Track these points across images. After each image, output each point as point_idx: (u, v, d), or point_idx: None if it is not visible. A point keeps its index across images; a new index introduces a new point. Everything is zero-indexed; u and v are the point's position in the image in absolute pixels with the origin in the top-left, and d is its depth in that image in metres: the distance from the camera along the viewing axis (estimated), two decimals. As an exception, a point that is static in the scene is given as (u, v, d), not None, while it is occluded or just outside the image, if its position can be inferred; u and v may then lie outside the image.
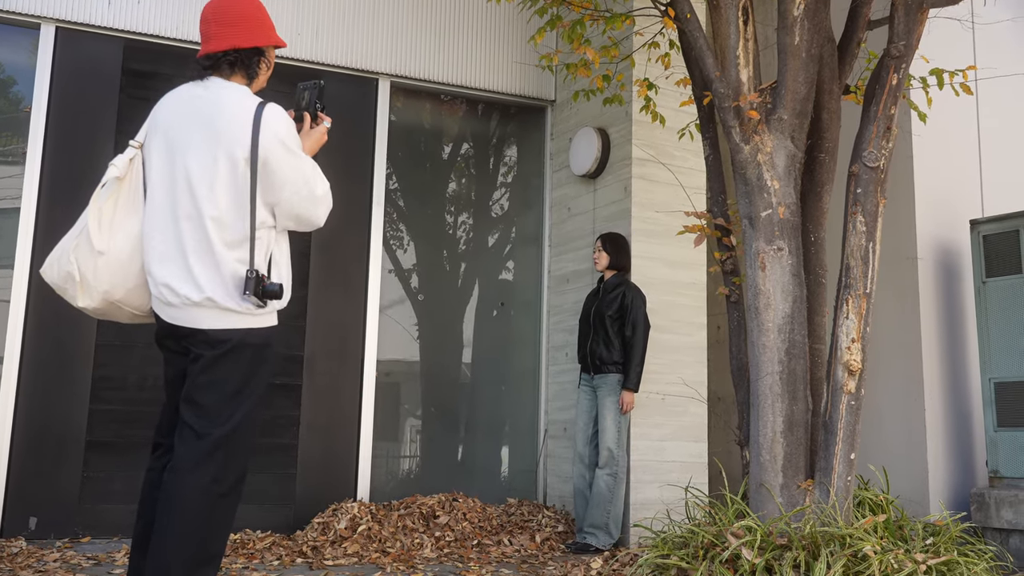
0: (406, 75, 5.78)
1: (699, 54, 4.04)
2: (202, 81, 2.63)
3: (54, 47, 5.04)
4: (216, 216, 2.51)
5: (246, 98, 2.58)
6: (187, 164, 2.54)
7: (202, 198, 2.51)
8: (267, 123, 2.53)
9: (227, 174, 2.52)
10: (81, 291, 2.56)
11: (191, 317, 2.51)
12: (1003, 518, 5.08)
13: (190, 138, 2.55)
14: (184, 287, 2.50)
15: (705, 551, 3.50)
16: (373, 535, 4.70)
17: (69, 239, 2.58)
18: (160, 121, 2.63)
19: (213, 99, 2.57)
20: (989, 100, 6.11)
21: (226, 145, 2.52)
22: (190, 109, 2.60)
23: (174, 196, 2.54)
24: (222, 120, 2.53)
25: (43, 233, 4.88)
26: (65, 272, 2.55)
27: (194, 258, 2.50)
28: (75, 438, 4.79)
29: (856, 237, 3.78)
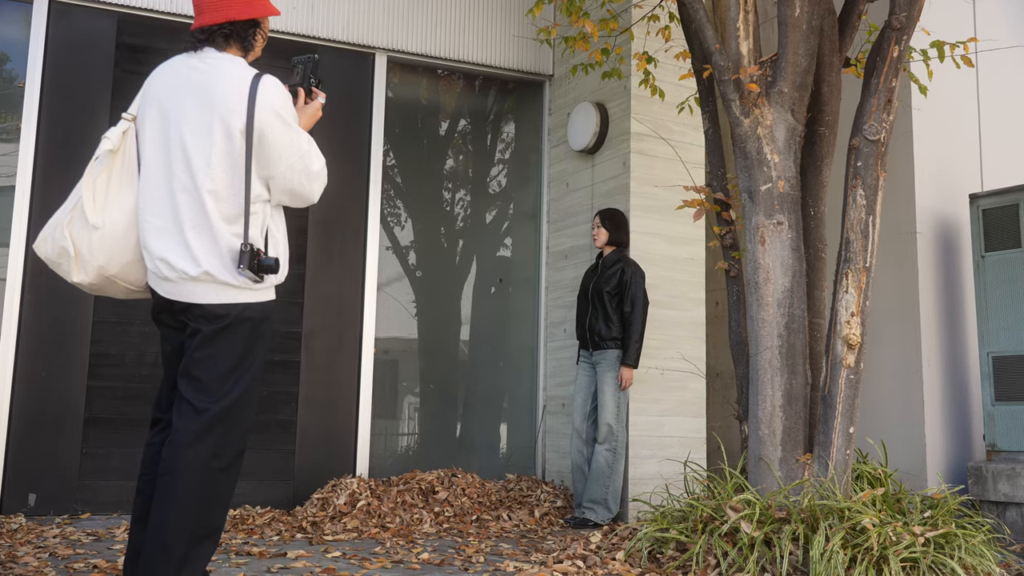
0: (403, 50, 5.73)
1: (699, 27, 4.00)
2: (196, 53, 2.58)
3: (47, 22, 4.98)
4: (213, 189, 2.47)
5: (242, 70, 2.54)
6: (183, 136, 2.49)
7: (198, 171, 2.47)
8: (263, 95, 2.50)
9: (223, 146, 2.48)
10: (76, 266, 2.52)
11: (188, 291, 2.48)
12: (1000, 491, 5.10)
13: (185, 110, 2.51)
14: (181, 261, 2.47)
15: (704, 525, 3.51)
16: (372, 511, 4.72)
17: (63, 213, 2.54)
18: (154, 93, 2.58)
19: (209, 71, 2.53)
20: (989, 73, 6.07)
21: (222, 117, 2.48)
22: (185, 81, 2.55)
23: (170, 169, 2.50)
24: (218, 92, 2.49)
25: (38, 210, 4.86)
26: (59, 247, 2.52)
27: (191, 232, 2.47)
28: (73, 415, 4.79)
29: (856, 211, 3.77)
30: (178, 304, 2.51)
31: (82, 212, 2.50)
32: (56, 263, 2.55)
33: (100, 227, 2.51)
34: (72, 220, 2.51)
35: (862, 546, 3.21)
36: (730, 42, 4.00)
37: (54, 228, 2.54)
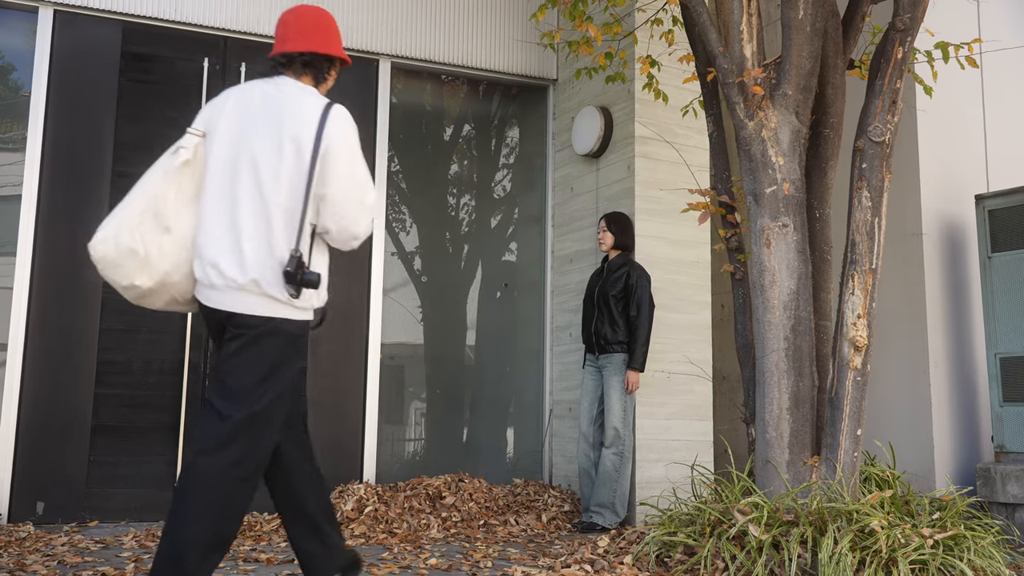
0: (407, 55, 5.74)
1: (702, 30, 4.00)
2: (272, 79, 2.73)
3: (52, 31, 5.01)
4: (279, 203, 2.57)
5: (315, 97, 2.68)
6: (254, 154, 2.60)
7: (266, 184, 2.57)
8: (333, 120, 2.62)
9: (292, 164, 2.58)
10: (142, 268, 2.56)
11: (233, 300, 2.54)
12: (1009, 492, 5.08)
13: (257, 130, 2.62)
14: (232, 269, 2.54)
15: (712, 528, 3.50)
16: (380, 516, 4.71)
17: (129, 215, 2.56)
18: (226, 113, 2.68)
19: (283, 95, 2.66)
20: (994, 74, 6.07)
21: (293, 137, 2.59)
22: (259, 104, 2.67)
23: (236, 184, 2.60)
24: (290, 114, 2.61)
25: (45, 219, 4.87)
26: (127, 248, 2.54)
27: (248, 243, 2.55)
28: (81, 423, 4.80)
29: (861, 212, 3.76)
30: (220, 313, 2.57)
31: (155, 215, 2.56)
32: (117, 264, 2.56)
33: (173, 231, 2.58)
34: (143, 222, 2.56)
35: (871, 548, 3.20)
36: (734, 45, 4.00)
37: (119, 229, 2.55)
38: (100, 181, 5.00)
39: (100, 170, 5.01)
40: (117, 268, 2.57)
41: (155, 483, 4.90)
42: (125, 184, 5.04)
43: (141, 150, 5.11)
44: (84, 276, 4.90)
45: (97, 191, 4.99)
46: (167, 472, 4.92)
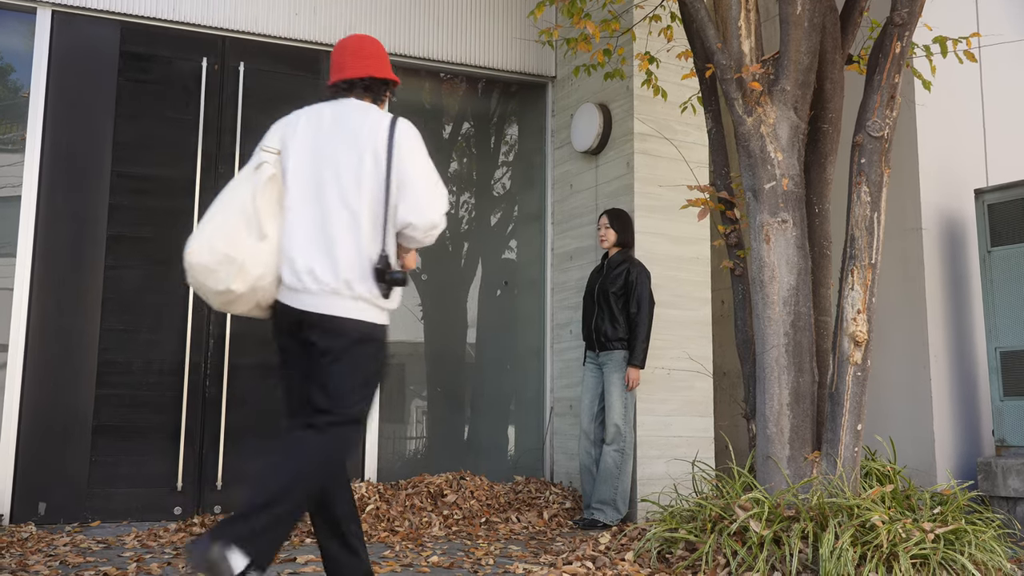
0: (405, 53, 5.74)
1: (700, 26, 4.00)
2: (338, 101, 2.96)
3: (51, 31, 5.01)
4: (363, 210, 2.78)
5: (381, 112, 2.93)
6: (336, 167, 2.81)
7: (350, 194, 2.78)
8: (401, 130, 2.86)
9: (371, 173, 2.81)
10: (237, 274, 2.72)
11: (327, 304, 2.73)
12: (1010, 486, 5.08)
13: (336, 146, 2.84)
14: (326, 274, 2.73)
15: (713, 524, 3.51)
16: (381, 514, 4.72)
17: (223, 224, 2.73)
18: (299, 132, 2.89)
19: (354, 113, 2.91)
20: (992, 68, 6.06)
21: (370, 148, 2.82)
22: (332, 123, 2.89)
23: (322, 195, 2.80)
24: (364, 128, 2.86)
25: (44, 220, 4.88)
26: (224, 254, 2.71)
27: (340, 249, 2.75)
28: (82, 423, 4.81)
29: (861, 207, 3.76)
30: (311, 316, 2.73)
31: (248, 224, 2.76)
32: (212, 270, 2.72)
33: (268, 238, 2.77)
34: (238, 230, 2.74)
35: (872, 543, 3.21)
36: (732, 41, 3.99)
37: (213, 237, 2.72)
38: (100, 181, 5.00)
39: (99, 170, 5.01)
40: (212, 274, 2.73)
41: (156, 483, 4.90)
42: (125, 184, 5.04)
43: (140, 150, 5.11)
44: (84, 277, 4.90)
45: (97, 191, 4.99)
46: (168, 472, 4.92)
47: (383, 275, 2.74)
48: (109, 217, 4.99)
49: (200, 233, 2.73)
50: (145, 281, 5.02)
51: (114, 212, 5.01)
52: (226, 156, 5.24)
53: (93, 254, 4.94)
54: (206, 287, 2.75)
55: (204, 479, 4.98)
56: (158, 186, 5.12)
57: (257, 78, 5.37)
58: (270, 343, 5.11)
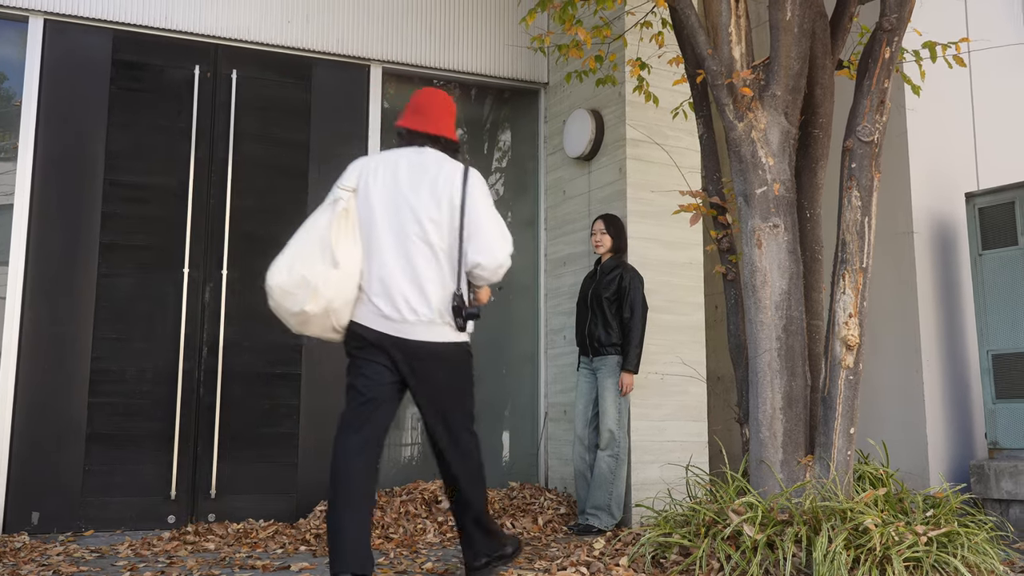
0: (398, 61, 5.75)
1: (691, 32, 4.02)
2: (411, 148, 3.33)
3: (43, 40, 5.01)
4: (443, 248, 3.17)
5: (454, 162, 3.32)
6: (416, 210, 3.17)
7: (432, 235, 3.16)
8: (472, 178, 3.27)
9: (448, 217, 3.19)
10: (312, 296, 3.06)
11: (423, 332, 3.15)
12: (1003, 489, 5.10)
13: (416, 191, 3.20)
14: (422, 307, 3.14)
15: (707, 529, 3.51)
16: (376, 522, 4.71)
17: (301, 251, 3.08)
18: (379, 175, 3.24)
19: (431, 162, 3.28)
20: (982, 72, 6.10)
21: (447, 193, 3.20)
22: (409, 169, 3.25)
23: (404, 233, 3.17)
24: (442, 176, 3.23)
25: (37, 228, 4.87)
26: (301, 277, 3.05)
27: (429, 284, 3.14)
28: (75, 431, 4.80)
29: (852, 212, 3.78)
30: (412, 343, 3.14)
31: (323, 251, 3.08)
32: (290, 292, 3.07)
33: (341, 266, 3.10)
34: (314, 257, 3.08)
35: (865, 546, 3.21)
36: (722, 47, 4.01)
37: (292, 262, 3.07)
38: (92, 189, 5.00)
39: (92, 178, 5.01)
40: (290, 296, 3.07)
41: (150, 491, 4.89)
42: (117, 192, 5.04)
43: (133, 158, 5.11)
44: (77, 285, 4.90)
45: (89, 199, 4.98)
46: (162, 480, 4.91)
47: (460, 311, 3.15)
48: (102, 225, 4.99)
49: (281, 258, 3.08)
50: (138, 289, 5.02)
51: (107, 220, 5.01)
52: (219, 164, 5.25)
53: (86, 262, 4.94)
54: (284, 308, 3.09)
55: (198, 487, 4.97)
56: (151, 194, 5.12)
57: (250, 86, 5.38)
58: (263, 351, 5.11)
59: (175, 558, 3.99)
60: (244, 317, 5.15)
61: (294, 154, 5.43)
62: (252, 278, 5.19)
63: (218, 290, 5.13)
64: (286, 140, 5.43)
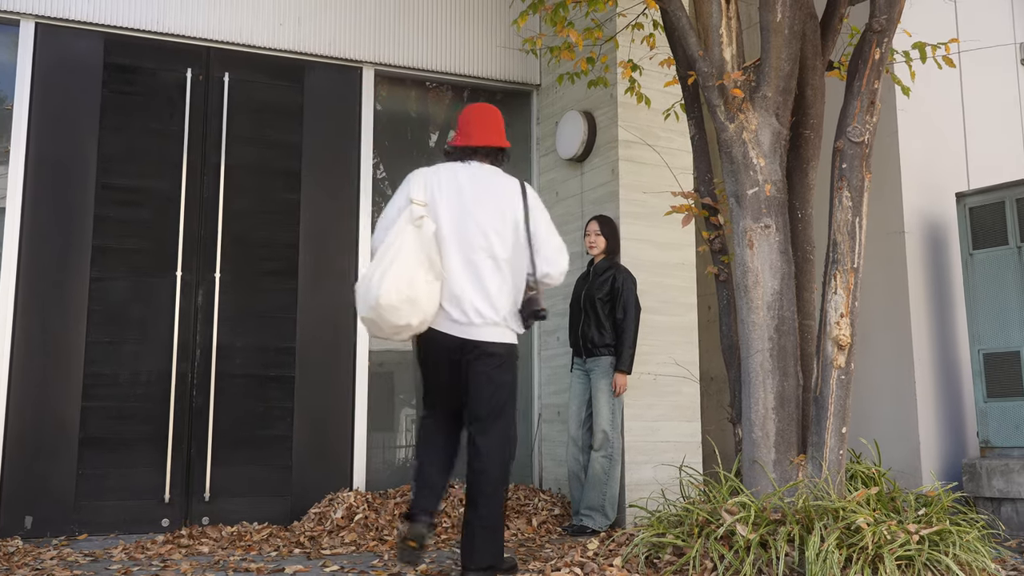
0: (390, 63, 5.76)
1: (682, 34, 4.03)
2: (469, 164, 3.61)
3: (34, 43, 5.00)
4: (507, 258, 3.49)
5: (509, 177, 3.65)
6: (481, 221, 3.48)
7: (497, 248, 3.48)
8: (529, 193, 3.63)
9: (511, 227, 3.52)
10: (414, 311, 3.34)
11: (487, 333, 3.45)
12: (994, 487, 5.12)
13: (480, 203, 3.50)
14: (489, 311, 3.45)
15: (700, 529, 3.52)
16: (370, 523, 4.72)
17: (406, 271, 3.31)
18: (443, 190, 3.52)
19: (489, 176, 3.61)
20: (972, 73, 6.13)
21: (509, 207, 3.53)
22: (471, 184, 3.54)
23: (470, 244, 3.46)
24: (503, 190, 3.57)
25: (29, 231, 4.86)
26: (406, 295, 3.31)
27: (496, 291, 3.46)
28: (69, 435, 4.79)
29: (842, 212, 3.79)
30: (472, 343, 3.43)
31: (426, 269, 3.36)
32: (397, 308, 3.31)
33: (435, 282, 3.39)
34: (418, 275, 3.34)
35: (857, 545, 3.23)
36: (713, 48, 4.03)
37: (398, 282, 3.31)
38: (85, 193, 4.99)
39: (84, 182, 5.00)
40: (397, 311, 3.31)
41: (144, 495, 4.89)
42: (110, 195, 5.03)
43: (125, 161, 5.11)
44: (70, 288, 4.89)
45: (82, 203, 4.98)
46: (156, 483, 4.91)
47: (536, 314, 3.51)
48: (94, 228, 4.98)
49: (385, 278, 3.30)
50: (131, 292, 5.02)
51: (99, 223, 5.00)
52: (211, 167, 5.24)
53: (78, 265, 4.93)
54: (387, 321, 3.33)
55: (192, 490, 4.97)
56: (143, 197, 5.11)
57: (242, 89, 5.38)
58: (256, 354, 5.10)
59: (169, 561, 3.99)
60: (237, 320, 5.15)
61: (287, 157, 5.43)
62: (245, 281, 5.19)
63: (211, 293, 5.13)
64: (279, 143, 5.43)
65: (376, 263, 3.37)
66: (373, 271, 3.35)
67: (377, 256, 3.40)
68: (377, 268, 3.34)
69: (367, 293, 3.34)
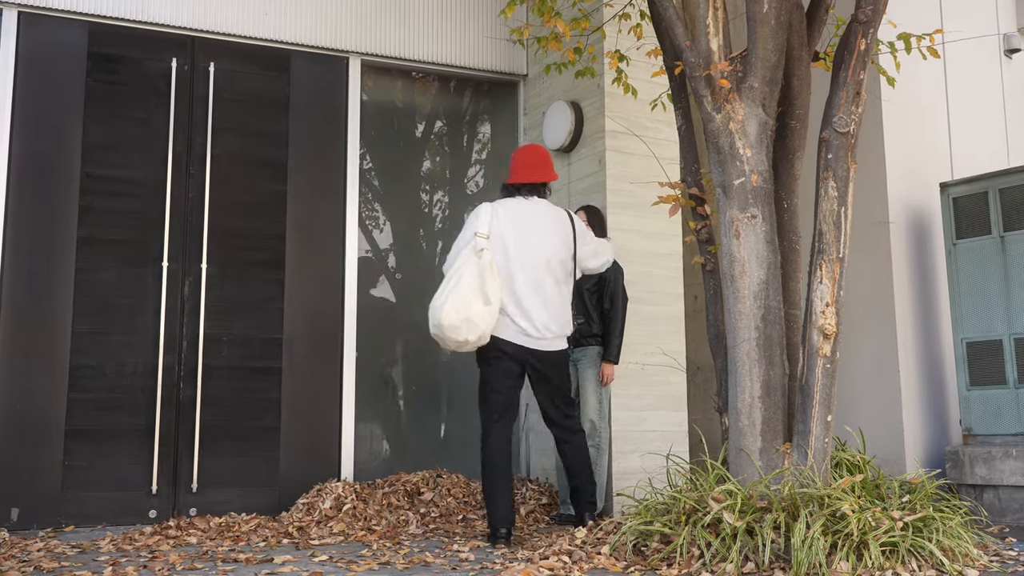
0: (376, 53, 5.74)
1: (669, 24, 4.04)
2: (525, 199, 4.35)
3: (17, 33, 4.96)
4: (562, 280, 4.29)
5: (560, 210, 4.42)
6: (547, 251, 4.24)
7: (557, 270, 4.27)
8: (577, 222, 4.46)
9: (566, 251, 4.31)
10: (472, 329, 4.02)
11: (551, 344, 4.26)
12: (977, 474, 5.18)
13: (546, 235, 4.27)
14: (553, 327, 4.24)
15: (687, 516, 3.55)
16: (358, 514, 4.73)
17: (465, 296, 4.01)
18: (505, 224, 4.24)
19: (544, 210, 4.35)
20: (956, 63, 6.17)
21: (567, 239, 4.33)
22: (531, 216, 4.29)
23: (537, 270, 4.20)
24: (556, 221, 4.34)
25: (13, 222, 4.83)
26: (465, 316, 3.99)
27: (555, 309, 4.25)
28: (54, 427, 4.77)
29: (828, 202, 3.82)
30: (540, 352, 4.22)
31: (480, 294, 4.03)
32: (457, 327, 4.00)
33: (491, 305, 4.06)
34: (475, 300, 4.01)
35: (842, 532, 3.26)
36: (700, 39, 4.04)
37: (457, 305, 4.00)
38: (69, 183, 4.96)
39: (69, 172, 4.97)
40: (456, 330, 4.01)
41: (131, 486, 4.87)
42: (94, 185, 5.00)
43: (110, 151, 5.07)
44: (54, 279, 4.86)
45: (66, 193, 4.95)
46: (143, 475, 4.90)
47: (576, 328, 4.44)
48: (79, 219, 4.96)
49: (446, 304, 4.00)
50: (116, 283, 4.99)
51: (84, 214, 4.97)
52: (197, 157, 5.22)
53: (63, 256, 4.90)
54: (449, 338, 4.03)
55: (179, 481, 4.96)
56: (128, 188, 5.09)
57: (227, 78, 5.35)
58: (243, 345, 5.11)
59: (157, 552, 3.99)
60: (224, 311, 5.13)
61: (272, 147, 5.41)
62: (231, 272, 5.17)
63: (197, 284, 5.11)
64: (264, 133, 5.41)
65: (442, 288, 4.07)
66: (439, 295, 4.05)
67: (444, 281, 4.09)
68: (442, 293, 4.05)
69: (433, 315, 4.03)
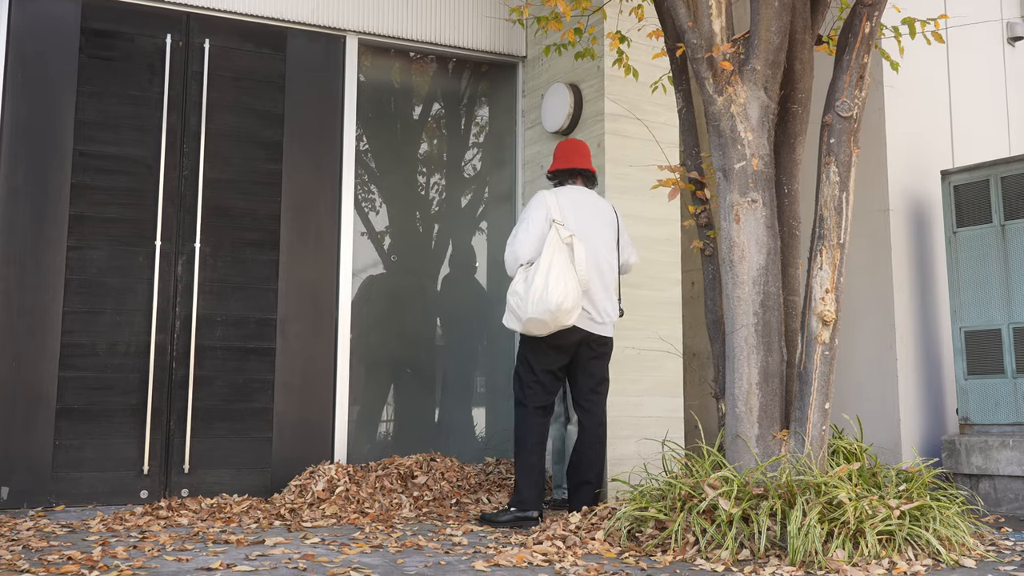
0: (374, 32, 5.66)
1: (671, 5, 3.98)
2: (576, 188, 4.58)
3: (9, 8, 4.88)
4: (614, 266, 4.52)
5: (606, 201, 4.70)
6: (604, 238, 4.47)
7: (611, 255, 4.50)
8: (618, 212, 4.67)
9: (614, 243, 4.54)
10: (573, 312, 4.21)
11: (606, 330, 4.47)
12: (973, 464, 5.17)
13: (602, 224, 4.50)
14: (609, 312, 4.46)
15: (683, 503, 3.53)
16: (351, 496, 4.70)
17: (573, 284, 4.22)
18: (571, 208, 4.43)
19: (595, 200, 4.59)
20: (959, 50, 6.11)
21: (611, 225, 4.55)
22: (587, 205, 4.51)
23: (596, 257, 4.40)
24: (606, 211, 4.58)
25: (5, 199, 4.77)
26: (574, 302, 4.20)
27: (611, 294, 4.49)
28: (45, 406, 4.73)
29: (829, 187, 3.78)
30: (593, 336, 4.41)
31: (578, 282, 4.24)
32: (570, 312, 4.19)
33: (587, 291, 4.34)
34: (577, 287, 4.23)
35: (839, 520, 3.24)
36: (702, 20, 3.98)
37: (566, 287, 4.19)
38: (61, 160, 4.90)
39: (61, 148, 4.90)
40: (569, 314, 4.19)
41: (122, 466, 4.84)
42: (86, 163, 4.94)
43: (103, 128, 5.01)
44: (46, 257, 4.81)
45: (58, 170, 4.89)
46: (134, 455, 4.86)
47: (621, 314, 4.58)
48: (71, 196, 4.90)
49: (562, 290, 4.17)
50: (109, 261, 4.94)
51: (76, 191, 4.91)
52: (191, 135, 5.16)
53: (55, 234, 4.85)
54: (558, 321, 4.19)
55: (171, 462, 4.93)
56: (121, 165, 5.03)
57: (223, 55, 5.28)
58: (237, 325, 5.08)
59: (148, 533, 3.96)
60: (217, 291, 5.08)
61: (268, 125, 5.35)
62: (225, 252, 5.12)
63: (191, 263, 5.06)
64: (260, 111, 5.35)
65: (539, 275, 4.18)
66: (540, 281, 4.17)
67: (537, 268, 4.20)
68: (543, 278, 4.17)
69: (544, 300, 4.14)
